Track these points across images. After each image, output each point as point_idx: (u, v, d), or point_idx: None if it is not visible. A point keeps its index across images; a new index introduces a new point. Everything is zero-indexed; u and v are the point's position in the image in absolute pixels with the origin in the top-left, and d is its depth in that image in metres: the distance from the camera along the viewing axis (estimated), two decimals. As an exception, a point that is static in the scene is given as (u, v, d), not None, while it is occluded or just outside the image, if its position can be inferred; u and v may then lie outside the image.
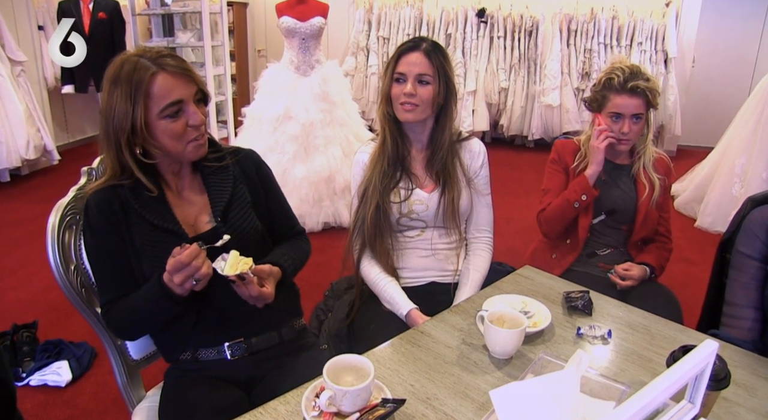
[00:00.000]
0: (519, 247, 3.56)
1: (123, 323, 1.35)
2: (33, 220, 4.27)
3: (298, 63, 3.92)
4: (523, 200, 4.63)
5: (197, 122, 1.28)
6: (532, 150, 6.52)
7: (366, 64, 6.66)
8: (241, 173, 1.45)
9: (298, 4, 3.97)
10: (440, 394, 1.06)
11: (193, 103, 1.28)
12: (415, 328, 1.32)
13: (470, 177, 1.78)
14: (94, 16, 4.63)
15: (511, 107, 6.38)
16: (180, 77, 1.26)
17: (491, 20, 6.31)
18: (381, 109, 1.74)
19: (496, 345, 1.19)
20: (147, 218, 1.31)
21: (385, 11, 6.63)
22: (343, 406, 0.93)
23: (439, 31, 6.43)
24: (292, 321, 1.48)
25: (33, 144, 5.18)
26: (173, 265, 1.15)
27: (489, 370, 1.15)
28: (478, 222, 1.83)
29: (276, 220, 1.50)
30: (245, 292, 1.26)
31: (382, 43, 6.65)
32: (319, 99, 3.80)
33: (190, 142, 1.30)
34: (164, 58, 1.27)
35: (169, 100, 1.24)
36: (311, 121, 3.74)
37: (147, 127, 1.25)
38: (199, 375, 1.36)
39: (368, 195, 1.73)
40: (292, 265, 1.43)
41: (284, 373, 1.38)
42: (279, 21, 3.95)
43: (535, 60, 6.28)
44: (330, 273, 2.10)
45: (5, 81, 5.02)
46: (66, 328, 2.79)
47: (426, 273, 1.78)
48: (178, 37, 4.53)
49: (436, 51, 1.67)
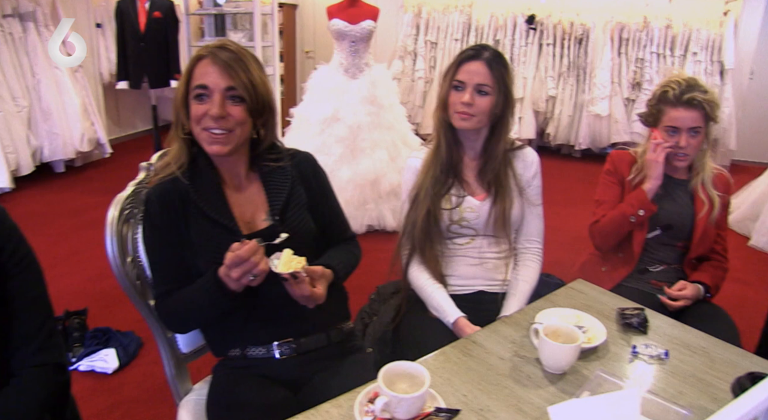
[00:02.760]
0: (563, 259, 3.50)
1: (175, 316, 1.38)
2: (86, 210, 4.40)
3: (347, 65, 3.94)
4: (569, 211, 4.55)
5: (214, 113, 1.27)
6: (579, 160, 6.41)
7: (413, 68, 6.65)
8: (299, 175, 1.46)
9: (349, 6, 4.00)
10: (493, 407, 1.04)
11: (221, 95, 1.28)
12: (467, 338, 1.31)
13: (522, 186, 1.76)
14: (150, 15, 4.74)
15: (559, 116, 6.29)
16: (219, 67, 1.28)
17: (540, 27, 6.24)
18: (437, 115, 1.73)
19: (550, 359, 1.17)
20: (205, 213, 1.33)
21: (433, 16, 6.61)
22: (397, 413, 0.93)
23: (487, 36, 6.39)
24: (341, 324, 1.49)
25: (87, 137, 5.35)
26: (232, 260, 1.17)
27: (542, 385, 1.13)
28: (529, 232, 1.80)
29: (329, 224, 1.51)
30: (297, 292, 1.26)
31: (430, 47, 6.64)
32: (368, 102, 3.81)
33: (205, 130, 1.30)
34: (221, 48, 1.30)
35: (198, 82, 1.29)
36: (359, 124, 3.76)
37: (186, 106, 1.32)
38: (247, 372, 1.37)
39: (419, 200, 1.73)
40: (344, 268, 1.44)
41: (331, 375, 1.38)
42: (329, 23, 3.98)
43: (584, 68, 6.18)
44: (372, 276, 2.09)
45: (64, 76, 5.20)
46: (114, 317, 2.86)
47: (474, 281, 1.77)
48: (230, 36, 4.61)
49: (498, 61, 1.65)
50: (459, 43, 6.50)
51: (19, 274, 1.20)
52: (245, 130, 1.33)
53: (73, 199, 4.74)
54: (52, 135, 5.13)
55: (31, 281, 1.23)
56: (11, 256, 1.18)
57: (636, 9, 5.97)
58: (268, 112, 1.37)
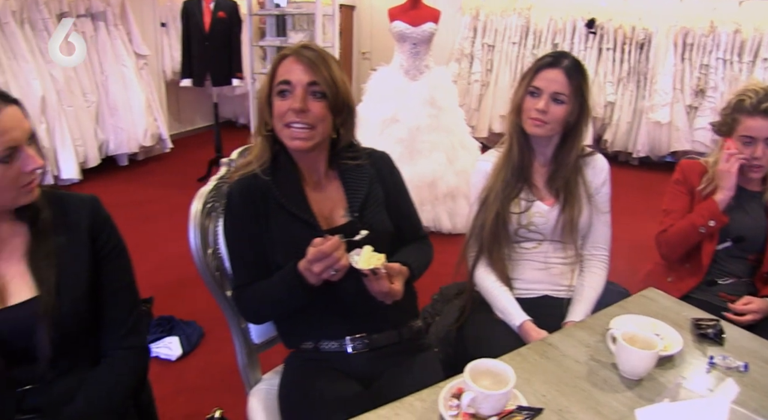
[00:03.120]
0: (619, 267, 3.43)
1: (253, 307, 1.43)
2: (148, 203, 4.55)
3: (407, 67, 3.97)
4: (626, 219, 4.45)
5: (296, 107, 1.30)
6: (637, 168, 6.27)
7: (469, 71, 6.64)
8: (376, 173, 1.49)
9: (411, 9, 4.02)
10: (572, 408, 1.05)
11: (303, 90, 1.31)
12: (543, 341, 1.32)
13: (591, 193, 1.75)
14: (215, 15, 4.87)
15: (617, 122, 6.17)
16: (303, 64, 1.31)
17: (601, 31, 6.14)
18: (510, 119, 1.73)
19: (628, 365, 1.17)
20: (285, 208, 1.37)
21: (491, 18, 6.58)
22: (482, 409, 0.95)
23: (545, 40, 6.33)
24: (411, 321, 1.51)
25: (150, 132, 5.55)
26: (314, 255, 1.20)
27: (619, 390, 1.13)
28: (596, 239, 1.79)
29: (403, 222, 1.54)
30: (376, 288, 1.29)
31: (487, 50, 6.61)
32: (427, 104, 3.83)
33: (287, 126, 1.33)
34: (304, 48, 1.34)
35: (282, 78, 1.32)
36: (418, 126, 3.78)
37: (270, 104, 1.36)
38: (320, 365, 1.41)
39: (489, 202, 1.74)
40: (419, 266, 1.46)
41: (401, 371, 1.40)
42: (391, 25, 4.01)
43: (645, 74, 6.04)
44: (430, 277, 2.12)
45: (130, 73, 5.41)
46: (175, 307, 2.96)
47: (539, 286, 1.77)
48: (290, 37, 4.69)
49: (576, 70, 1.64)
50: (517, 46, 6.45)
51: (112, 261, 1.27)
52: (325, 127, 1.36)
53: (135, 192, 4.91)
54: (117, 129, 5.34)
55: (122, 268, 1.30)
56: (105, 244, 1.26)
57: (702, 13, 5.79)
58: (347, 111, 1.40)
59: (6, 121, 1.04)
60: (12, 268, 1.16)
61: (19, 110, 1.08)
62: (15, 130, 1.05)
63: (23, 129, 1.08)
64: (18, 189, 1.09)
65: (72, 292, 1.17)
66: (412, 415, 1.01)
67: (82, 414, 1.15)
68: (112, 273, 1.27)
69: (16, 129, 1.05)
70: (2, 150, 1.03)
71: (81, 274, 1.20)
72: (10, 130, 1.04)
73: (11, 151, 1.05)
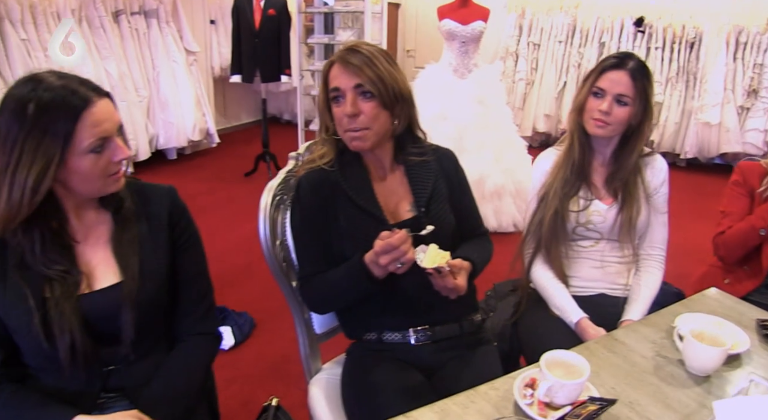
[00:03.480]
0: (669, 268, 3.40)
1: (318, 297, 1.47)
2: (196, 196, 4.66)
3: (456, 65, 3.99)
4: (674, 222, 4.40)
5: (348, 111, 1.34)
6: (684, 169, 6.15)
7: (514, 70, 6.60)
8: (441, 170, 1.52)
9: (460, 7, 4.03)
10: (642, 401, 1.07)
11: (352, 94, 1.35)
12: (609, 336, 1.34)
13: (650, 194, 1.75)
14: (265, 12, 4.96)
15: (665, 123, 6.06)
16: (347, 69, 1.35)
17: (649, 30, 6.04)
18: (571, 117, 1.74)
19: (696, 361, 1.17)
20: (354, 201, 1.41)
21: (537, 17, 6.53)
22: (556, 398, 0.97)
23: (592, 39, 6.25)
24: (472, 315, 1.54)
25: (199, 127, 5.67)
26: (382, 247, 1.22)
27: (687, 385, 1.14)
28: (653, 239, 1.79)
29: (465, 218, 1.56)
30: (440, 283, 1.32)
31: (533, 48, 6.57)
32: (475, 102, 3.84)
33: (346, 131, 1.38)
34: (347, 51, 1.37)
35: (332, 85, 1.37)
36: (466, 124, 3.79)
37: (329, 110, 1.41)
38: (383, 355, 1.44)
39: (548, 199, 1.75)
40: (481, 262, 1.49)
41: (462, 364, 1.43)
42: (440, 24, 4.03)
43: (695, 73, 5.91)
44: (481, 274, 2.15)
45: (180, 69, 5.54)
46: (227, 299, 3.02)
47: (596, 284, 1.78)
48: (339, 34, 4.76)
49: (641, 72, 1.64)
50: (563, 45, 6.39)
51: (188, 249, 1.32)
52: (381, 124, 1.39)
53: (184, 186, 4.98)
54: (167, 124, 5.48)
55: (197, 257, 1.35)
56: (182, 233, 1.31)
57: (757, 11, 5.64)
58: (401, 103, 1.41)
59: (99, 113, 1.08)
60: (98, 254, 1.21)
61: (110, 103, 1.13)
62: (107, 121, 1.10)
63: (114, 121, 1.12)
64: (106, 178, 1.14)
65: (153, 278, 1.23)
66: (487, 402, 1.04)
67: (161, 397, 1.21)
68: (188, 261, 1.32)
69: (108, 121, 1.10)
70: (95, 141, 1.07)
71: (161, 261, 1.25)
72: (103, 122, 1.09)
73: (103, 141, 1.09)
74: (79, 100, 1.06)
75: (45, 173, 1.05)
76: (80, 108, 1.06)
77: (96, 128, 1.07)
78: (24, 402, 1.13)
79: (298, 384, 2.45)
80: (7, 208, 1.06)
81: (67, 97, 1.05)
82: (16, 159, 1.04)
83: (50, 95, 1.05)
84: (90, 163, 1.09)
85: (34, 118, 1.03)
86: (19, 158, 1.04)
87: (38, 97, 1.04)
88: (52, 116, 1.04)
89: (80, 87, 1.08)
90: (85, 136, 1.06)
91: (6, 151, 1.05)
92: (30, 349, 1.15)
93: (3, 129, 1.05)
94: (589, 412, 0.94)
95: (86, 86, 1.10)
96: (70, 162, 1.07)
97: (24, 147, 1.03)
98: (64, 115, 1.05)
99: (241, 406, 2.32)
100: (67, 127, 1.05)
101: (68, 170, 1.08)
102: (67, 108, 1.05)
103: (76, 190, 1.14)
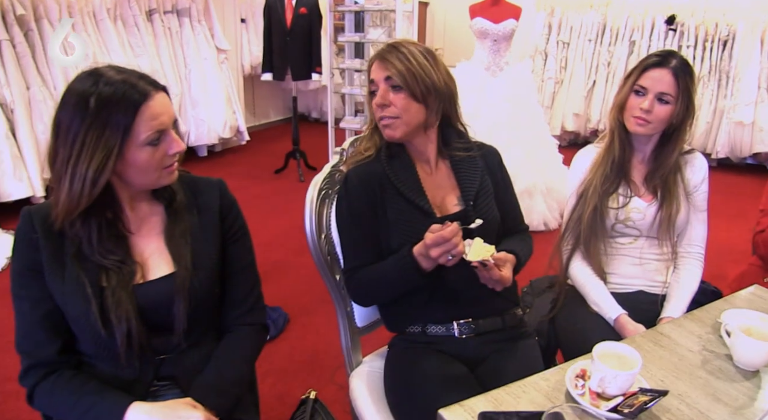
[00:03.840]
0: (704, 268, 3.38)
1: (365, 289, 1.49)
2: (228, 193, 4.73)
3: (488, 63, 3.99)
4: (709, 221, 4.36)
5: (378, 102, 1.41)
6: (715, 169, 6.05)
7: (543, 68, 6.57)
8: (486, 166, 1.54)
9: (492, 5, 4.03)
10: (691, 393, 1.08)
11: (384, 85, 1.40)
12: (654, 330, 1.35)
13: (690, 191, 1.75)
14: (296, 11, 5.01)
15: (695, 122, 5.97)
16: (381, 62, 1.41)
17: (681, 28, 5.97)
18: (612, 114, 1.75)
19: (745, 356, 1.18)
20: (402, 194, 1.43)
21: (567, 15, 6.50)
22: (609, 389, 0.99)
23: (623, 37, 6.20)
24: (513, 309, 1.55)
25: (229, 124, 5.74)
26: (434, 240, 1.24)
27: (736, 379, 1.15)
28: (692, 237, 1.79)
29: (508, 214, 1.58)
30: (486, 276, 1.34)
31: (562, 47, 6.53)
32: (507, 100, 3.84)
33: (380, 119, 1.43)
34: (386, 47, 1.43)
35: (370, 78, 1.44)
36: (497, 122, 3.79)
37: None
38: (427, 347, 1.45)
39: (587, 196, 1.76)
40: (524, 256, 1.51)
41: (505, 357, 1.44)
42: (471, 22, 4.03)
43: (727, 72, 5.83)
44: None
45: (211, 67, 5.62)
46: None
47: (634, 281, 1.78)
48: (369, 32, 4.78)
49: (684, 71, 1.63)
50: (593, 43, 6.34)
51: (237, 241, 1.35)
52: (412, 115, 1.41)
53: (215, 182, 5.10)
54: (198, 121, 5.56)
55: (246, 249, 1.38)
56: (232, 224, 1.34)
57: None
58: (434, 96, 1.42)
59: (157, 107, 1.11)
60: (151, 244, 1.24)
61: (166, 96, 1.16)
62: (164, 114, 1.12)
63: (170, 114, 1.15)
64: (161, 170, 1.16)
65: (205, 269, 1.26)
66: (538, 393, 1.06)
67: (212, 386, 1.23)
68: (237, 253, 1.35)
69: (164, 114, 1.13)
70: (152, 133, 1.10)
71: (212, 253, 1.28)
72: (160, 115, 1.12)
73: (159, 134, 1.12)
74: (138, 94, 1.09)
75: (104, 165, 1.08)
76: (139, 102, 1.09)
77: (153, 121, 1.10)
78: (83, 387, 1.16)
79: (332, 378, 2.49)
80: (68, 199, 1.09)
81: (127, 91, 1.08)
82: (77, 151, 1.07)
83: (111, 89, 1.07)
84: (147, 155, 1.12)
85: (95, 112, 1.06)
86: (80, 151, 1.07)
87: (99, 92, 1.07)
88: (113, 110, 1.07)
89: (139, 81, 1.11)
90: (143, 129, 1.09)
91: (68, 144, 1.08)
92: (87, 337, 1.18)
93: (65, 122, 1.08)
94: (641, 402, 0.95)
95: (145, 80, 1.13)
96: (128, 154, 1.10)
97: (85, 140, 1.06)
98: (124, 109, 1.07)
99: (276, 399, 2.35)
100: (127, 120, 1.08)
101: (126, 162, 1.12)
102: (127, 102, 1.08)
103: (132, 182, 1.17)
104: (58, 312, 1.17)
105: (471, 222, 1.34)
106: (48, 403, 1.19)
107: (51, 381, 1.17)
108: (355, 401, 1.55)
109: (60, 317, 1.18)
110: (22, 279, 1.17)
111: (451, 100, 1.49)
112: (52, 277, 1.15)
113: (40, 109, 4.27)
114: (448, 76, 1.47)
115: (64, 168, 1.09)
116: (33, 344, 1.18)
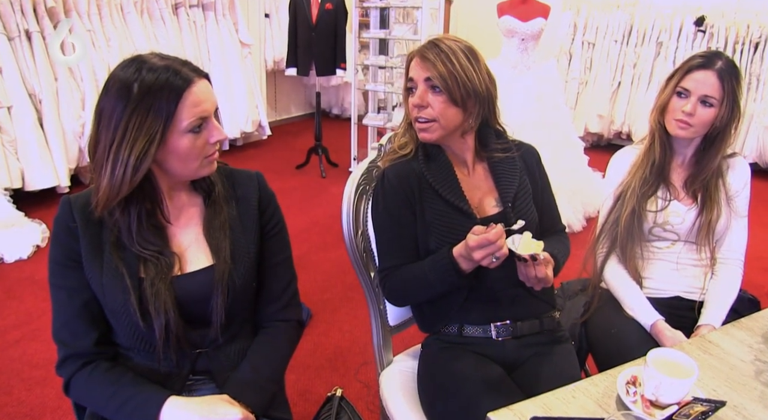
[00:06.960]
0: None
1: (401, 289, 1.46)
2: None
3: (515, 62, 3.94)
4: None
5: (415, 102, 1.38)
6: (742, 174, 5.97)
7: (568, 69, 6.49)
8: (524, 166, 1.52)
9: (521, 4, 3.98)
10: (747, 405, 1.04)
11: (423, 85, 1.37)
12: (701, 338, 1.31)
13: (731, 196, 1.70)
14: (322, 7, 4.99)
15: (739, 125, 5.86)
16: (422, 61, 1.37)
17: (710, 29, 5.86)
18: (653, 116, 1.70)
19: (800, 367, 1.14)
20: (441, 195, 1.40)
21: (593, 15, 6.41)
22: (663, 397, 0.96)
23: (650, 38, 6.10)
24: (551, 312, 1.52)
25: (251, 119, 5.75)
26: (478, 242, 1.20)
27: (793, 391, 1.11)
28: (732, 243, 1.74)
29: (546, 215, 1.55)
30: (531, 273, 1.30)
31: (587, 47, 6.45)
32: (534, 99, 3.80)
33: (415, 120, 1.39)
34: (427, 44, 1.39)
35: (408, 76, 1.41)
36: (523, 121, 3.74)
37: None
38: (464, 349, 1.43)
39: (625, 198, 1.72)
40: (562, 257, 1.48)
41: (542, 361, 1.41)
42: (499, 20, 3.99)
43: (758, 76, 5.72)
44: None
45: (235, 61, 5.62)
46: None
47: (671, 286, 1.73)
48: (394, 29, 4.75)
49: (730, 73, 1.58)
50: (618, 44, 6.26)
51: (275, 235, 1.33)
52: (450, 119, 1.38)
53: (237, 177, 5.11)
54: (221, 115, 5.55)
55: (283, 243, 1.36)
56: (270, 219, 1.32)
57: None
58: (474, 101, 1.38)
59: (199, 93, 1.10)
60: (189, 236, 1.23)
61: (209, 84, 1.14)
62: (206, 101, 1.11)
63: (212, 101, 1.13)
64: (202, 159, 1.15)
65: (243, 262, 1.24)
66: (588, 398, 1.03)
67: (248, 381, 1.22)
68: (274, 247, 1.33)
69: (207, 101, 1.11)
70: (195, 120, 1.09)
71: (250, 246, 1.26)
72: (203, 102, 1.10)
73: (202, 121, 1.10)
74: (181, 81, 1.08)
75: (146, 151, 1.07)
76: (182, 88, 1.07)
77: (196, 108, 1.09)
78: (120, 379, 1.15)
79: (356, 375, 2.47)
80: (109, 185, 1.08)
81: (170, 78, 1.07)
82: (119, 138, 1.06)
83: (154, 76, 1.06)
84: (189, 142, 1.10)
85: (139, 98, 1.05)
86: (122, 137, 1.06)
87: (142, 78, 1.06)
88: (156, 96, 1.06)
89: (183, 68, 1.10)
90: (186, 116, 1.08)
91: (111, 130, 1.06)
92: (125, 329, 1.17)
93: (107, 109, 1.07)
94: (698, 413, 0.92)
95: (188, 67, 1.12)
96: (170, 141, 1.09)
97: (128, 126, 1.05)
98: (167, 95, 1.06)
99: (299, 395, 2.34)
100: (170, 106, 1.07)
101: (167, 150, 1.10)
102: (170, 88, 1.07)
103: (173, 171, 1.16)
104: (95, 302, 1.16)
105: (512, 223, 1.31)
106: (84, 393, 1.18)
107: (87, 372, 1.16)
108: (386, 400, 1.53)
109: (97, 308, 1.17)
110: (60, 268, 1.16)
111: (491, 103, 1.46)
112: (91, 267, 1.14)
113: (67, 100, 4.30)
114: (490, 78, 1.42)
115: (105, 154, 1.07)
116: (70, 334, 1.17)
